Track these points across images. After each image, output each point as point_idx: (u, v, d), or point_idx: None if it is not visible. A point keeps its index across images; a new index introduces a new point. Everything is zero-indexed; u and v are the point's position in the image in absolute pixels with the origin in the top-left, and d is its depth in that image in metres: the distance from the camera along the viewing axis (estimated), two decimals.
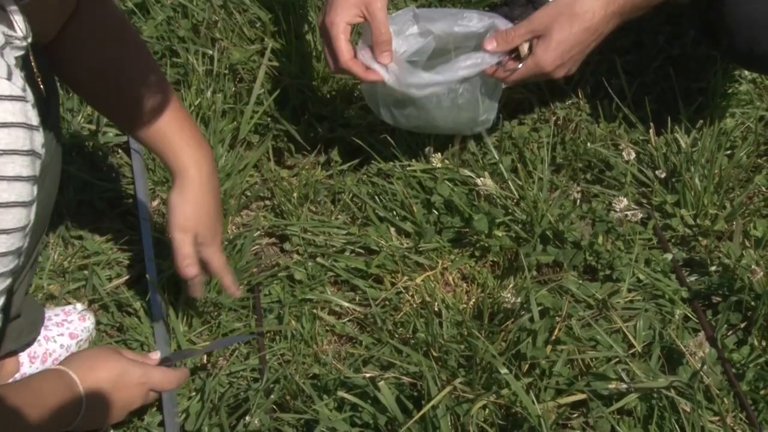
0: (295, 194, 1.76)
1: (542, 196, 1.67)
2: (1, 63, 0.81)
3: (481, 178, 1.69)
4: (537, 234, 1.62)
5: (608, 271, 1.59)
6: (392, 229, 1.71)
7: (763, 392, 1.40)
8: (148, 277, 1.60)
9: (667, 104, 1.90)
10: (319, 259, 1.66)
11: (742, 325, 1.51)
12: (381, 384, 1.36)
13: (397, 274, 1.63)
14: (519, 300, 1.45)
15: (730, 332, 1.51)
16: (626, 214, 1.62)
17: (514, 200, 1.70)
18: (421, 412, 1.30)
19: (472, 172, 1.74)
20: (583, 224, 1.68)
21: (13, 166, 0.79)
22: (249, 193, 1.81)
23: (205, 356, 1.52)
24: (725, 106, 1.91)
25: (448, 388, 1.32)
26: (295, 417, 1.40)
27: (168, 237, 1.40)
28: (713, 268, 1.59)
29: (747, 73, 1.98)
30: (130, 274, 1.67)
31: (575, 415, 1.39)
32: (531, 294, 1.45)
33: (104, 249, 1.70)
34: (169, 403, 1.42)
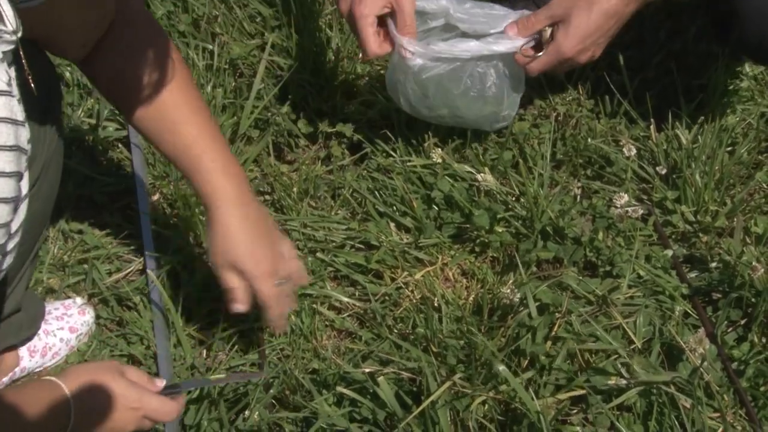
0: (295, 189, 1.76)
1: (542, 192, 1.67)
2: None
3: (482, 174, 1.69)
4: (537, 230, 1.62)
5: (608, 267, 1.59)
6: (392, 224, 1.70)
7: (763, 389, 1.40)
8: (148, 271, 1.60)
9: (668, 100, 1.89)
10: (318, 254, 1.65)
11: (743, 322, 1.50)
12: (380, 379, 1.36)
13: (396, 269, 1.62)
14: (518, 296, 1.45)
15: (730, 329, 1.51)
16: (627, 211, 1.62)
17: (515, 196, 1.70)
18: (420, 408, 1.30)
19: (472, 168, 1.74)
20: (583, 220, 1.68)
21: None
22: None
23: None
24: (726, 102, 1.90)
25: (448, 384, 1.32)
26: (295, 412, 1.40)
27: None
28: (714, 264, 1.59)
29: (748, 70, 1.98)
30: (130, 269, 1.67)
31: (575, 411, 1.39)
32: (528, 290, 1.45)
33: (104, 243, 1.70)
34: None
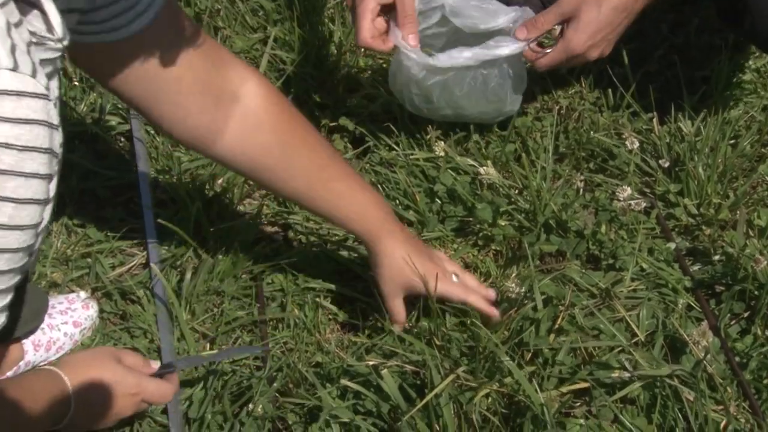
0: None
1: (545, 185, 1.67)
2: (27, 60, 0.81)
3: (484, 167, 1.69)
4: (540, 223, 1.62)
5: (611, 261, 1.59)
6: None
7: (766, 381, 1.40)
8: (152, 265, 1.61)
9: (671, 93, 1.89)
10: (321, 248, 1.65)
11: (746, 315, 1.50)
12: (384, 372, 1.36)
13: None
14: (522, 289, 1.45)
15: (733, 321, 1.51)
16: (629, 204, 1.62)
17: (518, 189, 1.70)
18: (425, 401, 1.30)
19: (475, 161, 1.74)
20: (586, 213, 1.68)
21: (32, 164, 0.80)
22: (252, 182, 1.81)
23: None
24: (729, 95, 1.90)
25: (451, 377, 1.32)
26: (298, 405, 1.40)
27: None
28: (716, 257, 1.59)
29: (751, 63, 1.98)
30: (133, 262, 1.68)
31: (578, 404, 1.39)
32: (535, 283, 1.45)
33: (107, 237, 1.70)
34: None
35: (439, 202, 1.70)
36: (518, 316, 1.43)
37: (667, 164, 1.74)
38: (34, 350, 1.48)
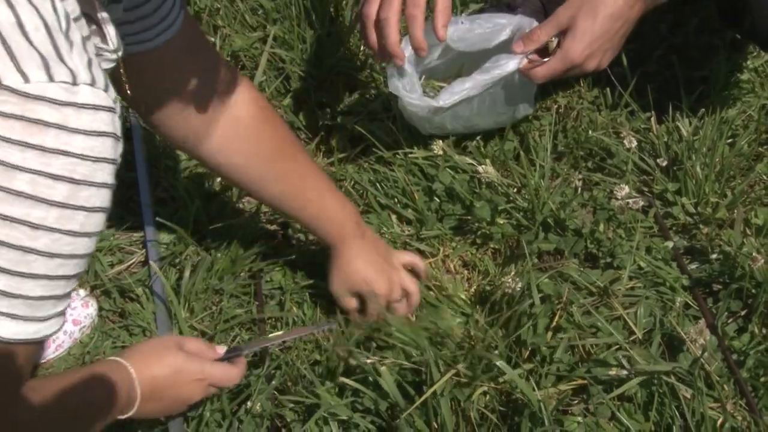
0: None
1: (544, 183, 1.67)
2: (100, 74, 0.83)
3: (483, 166, 1.69)
4: (538, 222, 1.62)
5: (609, 259, 1.59)
6: (394, 216, 1.71)
7: (763, 379, 1.40)
8: (151, 263, 1.61)
9: (669, 93, 1.89)
10: (320, 246, 1.65)
11: (743, 313, 1.51)
12: (383, 369, 1.36)
13: None
14: (520, 286, 1.45)
15: (730, 320, 1.51)
16: (627, 202, 1.62)
17: (516, 188, 1.70)
18: (423, 398, 1.31)
19: (473, 160, 1.75)
20: (584, 212, 1.69)
21: (102, 174, 0.82)
22: None
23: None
24: (727, 94, 1.91)
25: (450, 374, 1.33)
26: (297, 402, 1.40)
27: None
28: (714, 255, 1.59)
29: (749, 62, 1.98)
30: (132, 260, 1.68)
31: (576, 401, 1.39)
32: (532, 280, 1.46)
33: (106, 235, 1.71)
34: None
35: (438, 200, 1.71)
36: (516, 313, 1.43)
37: (665, 163, 1.74)
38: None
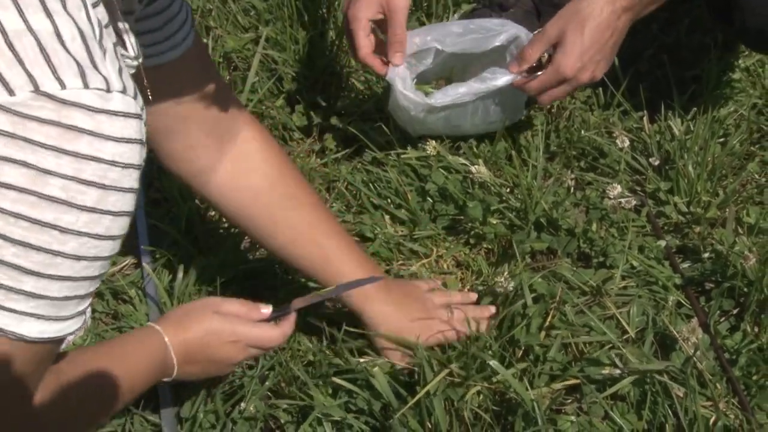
0: None
1: (536, 183, 1.67)
2: (130, 82, 0.85)
3: (476, 166, 1.69)
4: (531, 221, 1.63)
5: (602, 258, 1.59)
6: (387, 216, 1.71)
7: (755, 377, 1.40)
8: (144, 264, 1.61)
9: (661, 92, 1.90)
10: None
11: (735, 311, 1.51)
12: (375, 370, 1.37)
13: (391, 261, 1.63)
14: (512, 286, 1.46)
15: (723, 318, 1.51)
16: (620, 202, 1.62)
17: (509, 188, 1.71)
18: (416, 398, 1.31)
19: (466, 160, 1.75)
20: (577, 212, 1.69)
21: (129, 179, 0.83)
22: None
23: None
24: (719, 94, 1.91)
25: (443, 374, 1.33)
26: (291, 403, 1.40)
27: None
28: (706, 254, 1.59)
29: (741, 62, 1.99)
30: (125, 262, 1.68)
31: (569, 401, 1.39)
32: (524, 279, 1.46)
33: None
34: (165, 390, 1.42)
35: (431, 200, 1.71)
36: (510, 312, 1.43)
37: (657, 162, 1.75)
38: None
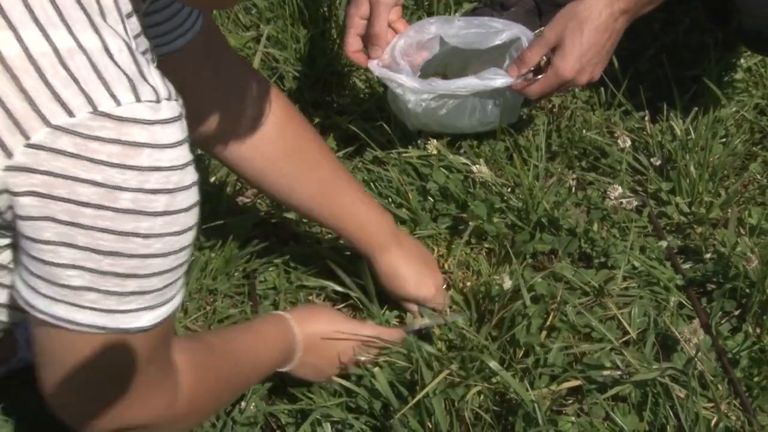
0: None
1: (538, 183, 1.67)
2: (170, 85, 0.87)
3: (477, 166, 1.69)
4: (532, 221, 1.62)
5: (603, 259, 1.59)
6: None
7: (757, 379, 1.40)
8: None
9: (662, 92, 1.90)
10: (314, 246, 1.65)
11: (737, 313, 1.51)
12: (376, 370, 1.36)
13: None
14: (511, 283, 1.45)
15: (724, 319, 1.51)
16: (621, 202, 1.62)
17: (510, 188, 1.70)
18: (415, 399, 1.30)
19: (467, 159, 1.74)
20: (578, 212, 1.69)
21: (189, 176, 0.87)
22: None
23: None
24: (720, 94, 1.91)
25: (442, 375, 1.32)
26: (291, 403, 1.40)
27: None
28: (708, 255, 1.59)
29: (742, 61, 1.99)
30: None
31: (570, 402, 1.39)
32: (521, 278, 1.46)
33: None
34: None
35: (432, 200, 1.71)
36: (510, 313, 1.43)
37: (658, 163, 1.75)
38: (27, 346, 1.48)
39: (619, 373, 1.35)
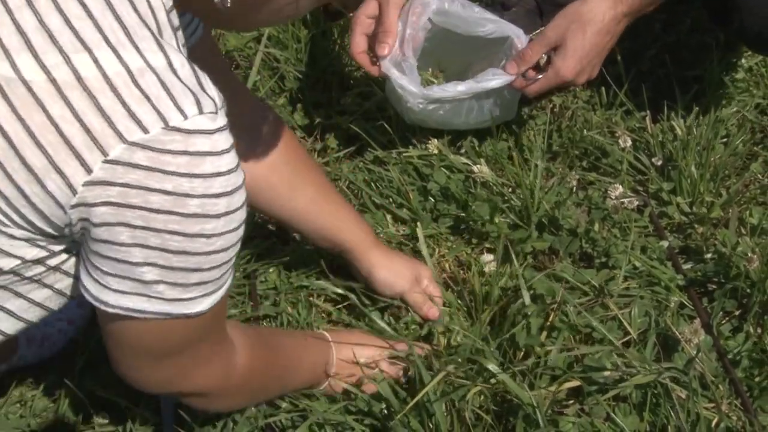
0: None
1: (538, 183, 1.67)
2: (219, 92, 0.92)
3: (478, 166, 1.69)
4: (533, 221, 1.62)
5: (604, 259, 1.59)
6: (389, 216, 1.71)
7: (758, 379, 1.40)
8: None
9: (664, 92, 1.89)
10: (314, 246, 1.65)
11: (738, 313, 1.51)
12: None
13: None
14: (504, 284, 1.45)
15: (725, 319, 1.51)
16: (622, 202, 1.62)
17: (511, 188, 1.70)
18: (414, 401, 1.30)
19: (468, 159, 1.74)
20: (579, 212, 1.69)
21: (241, 176, 0.94)
22: None
23: None
24: (721, 94, 1.90)
25: (440, 376, 1.32)
26: (291, 405, 1.40)
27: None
28: (709, 255, 1.59)
29: (744, 61, 1.98)
30: None
31: (571, 402, 1.39)
32: (521, 278, 1.46)
33: None
34: None
35: (433, 200, 1.71)
36: (510, 313, 1.43)
37: (659, 162, 1.74)
38: (27, 344, 1.48)
39: (619, 374, 1.35)
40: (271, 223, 1.73)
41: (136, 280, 0.93)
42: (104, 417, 1.43)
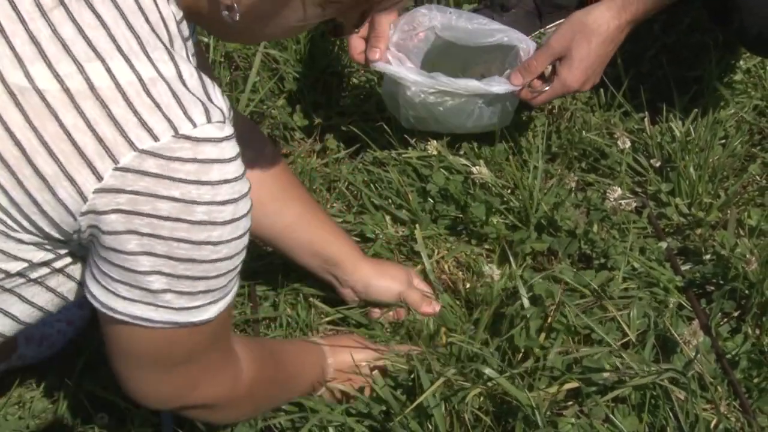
0: None
1: (537, 184, 1.67)
2: (226, 100, 0.94)
3: (477, 167, 1.69)
4: (532, 223, 1.62)
5: (603, 260, 1.59)
6: (388, 217, 1.71)
7: (756, 380, 1.40)
8: None
9: (662, 93, 1.90)
10: None
11: (736, 314, 1.51)
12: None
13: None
14: (497, 272, 1.46)
15: (724, 321, 1.51)
16: (621, 203, 1.62)
17: (510, 189, 1.70)
18: (415, 404, 1.30)
19: (467, 161, 1.75)
20: (578, 213, 1.69)
21: (247, 184, 0.95)
22: None
23: None
24: (719, 95, 1.91)
25: (440, 381, 1.32)
26: (291, 405, 1.40)
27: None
28: (707, 256, 1.59)
29: (742, 63, 1.99)
30: None
31: (570, 403, 1.39)
32: (519, 281, 1.46)
33: None
34: None
35: (432, 201, 1.71)
36: (508, 314, 1.43)
37: (658, 164, 1.75)
38: (26, 343, 1.48)
39: (618, 375, 1.35)
40: None
41: (143, 289, 0.94)
42: (104, 418, 1.43)
